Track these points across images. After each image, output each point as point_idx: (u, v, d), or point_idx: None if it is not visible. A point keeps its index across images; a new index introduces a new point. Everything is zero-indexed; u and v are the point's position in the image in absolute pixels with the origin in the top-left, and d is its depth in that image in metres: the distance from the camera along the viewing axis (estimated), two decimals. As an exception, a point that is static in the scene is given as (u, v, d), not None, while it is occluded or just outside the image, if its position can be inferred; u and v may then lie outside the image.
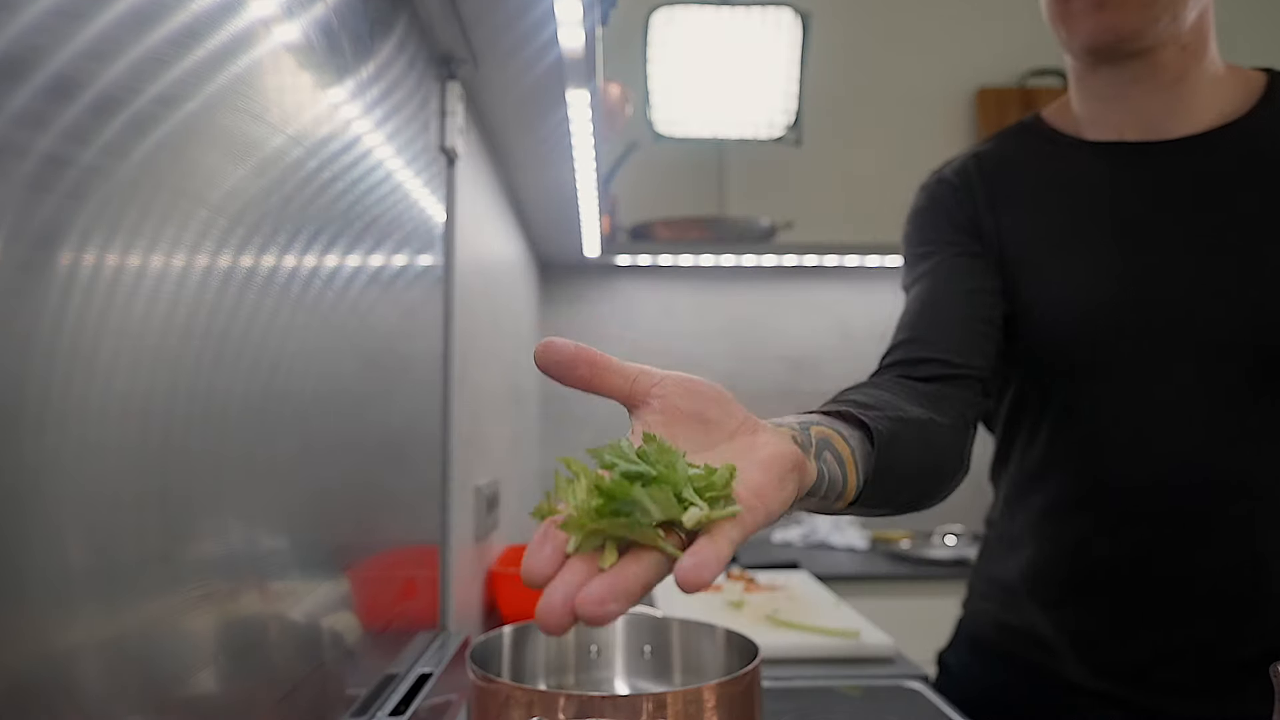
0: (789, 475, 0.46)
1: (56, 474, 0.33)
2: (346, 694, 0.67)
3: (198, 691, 0.44)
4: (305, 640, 0.58)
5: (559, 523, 0.38)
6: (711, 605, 1.40)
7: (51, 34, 0.32)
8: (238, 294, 0.48)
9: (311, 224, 0.60)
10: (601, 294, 2.48)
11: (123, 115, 0.37)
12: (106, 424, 0.36)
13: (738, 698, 0.64)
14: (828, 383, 2.48)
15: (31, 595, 0.32)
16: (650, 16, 2.17)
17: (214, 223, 0.45)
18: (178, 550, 0.42)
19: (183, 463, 0.42)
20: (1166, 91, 0.86)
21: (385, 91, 0.79)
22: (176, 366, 0.42)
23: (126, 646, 0.38)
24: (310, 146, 0.60)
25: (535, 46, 1.04)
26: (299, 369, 0.58)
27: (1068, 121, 0.95)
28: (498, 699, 0.63)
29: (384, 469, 0.79)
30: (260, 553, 0.52)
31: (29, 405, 0.31)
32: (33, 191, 0.31)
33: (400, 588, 0.85)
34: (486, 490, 1.30)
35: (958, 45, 2.61)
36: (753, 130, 2.25)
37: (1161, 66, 0.85)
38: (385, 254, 0.79)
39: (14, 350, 0.31)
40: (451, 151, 1.06)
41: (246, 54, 0.50)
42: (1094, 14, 0.84)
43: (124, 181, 0.37)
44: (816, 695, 1.04)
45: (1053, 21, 0.90)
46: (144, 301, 0.39)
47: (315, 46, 0.61)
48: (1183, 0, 0.81)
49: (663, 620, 0.82)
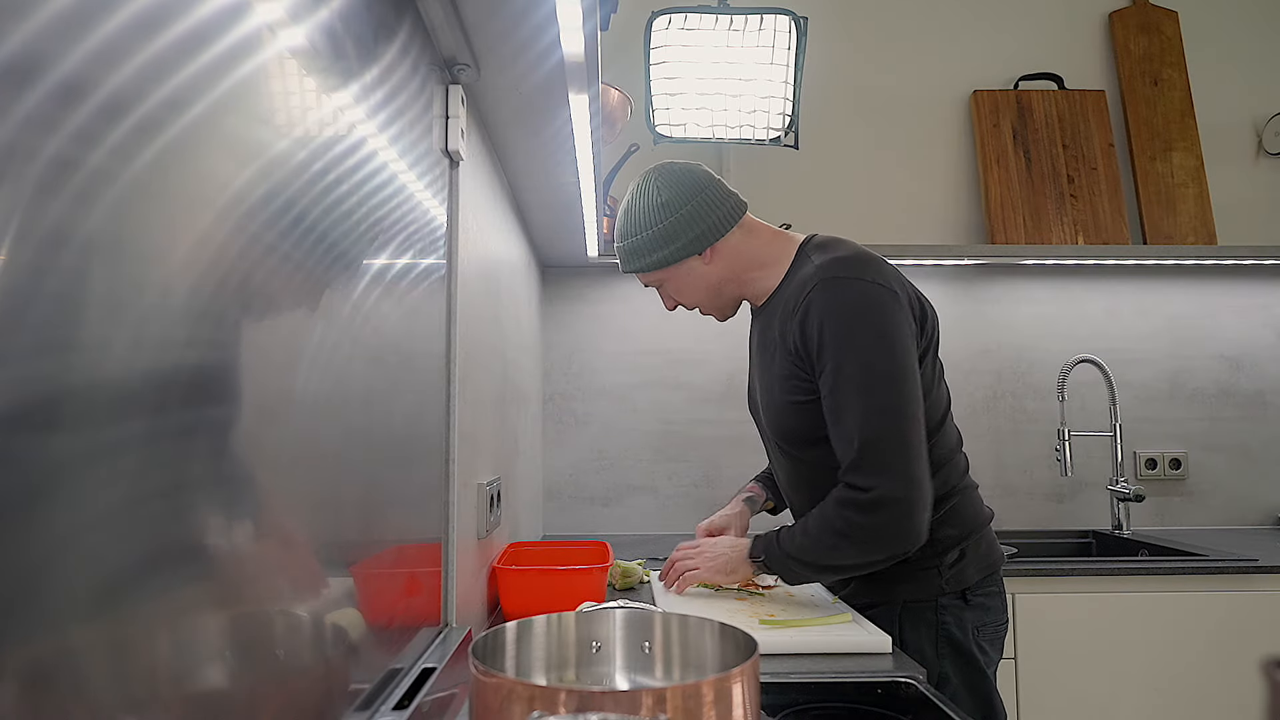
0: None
1: (64, 473, 0.34)
2: (350, 688, 0.68)
3: (204, 686, 0.45)
4: (310, 635, 0.59)
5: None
6: (712, 608, 1.41)
7: (59, 39, 0.33)
8: (243, 295, 0.49)
9: (316, 226, 0.61)
10: (602, 294, 2.49)
11: (130, 119, 0.38)
12: (114, 424, 0.37)
13: (736, 692, 0.65)
14: (827, 383, 2.49)
15: (39, 592, 0.32)
16: (650, 21, 2.18)
17: (220, 225, 0.46)
18: (184, 546, 0.43)
19: (188, 461, 0.43)
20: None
21: (389, 95, 0.80)
22: (182, 367, 0.43)
23: (133, 642, 0.38)
24: (315, 149, 0.61)
25: (537, 51, 1.05)
26: (304, 369, 0.59)
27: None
28: (499, 694, 0.64)
29: (387, 467, 0.80)
30: (265, 549, 0.53)
31: (38, 405, 0.32)
32: (41, 194, 0.32)
33: (404, 584, 0.86)
34: (489, 488, 1.31)
35: (952, 49, 2.62)
36: (751, 133, 2.27)
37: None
38: (389, 255, 0.80)
39: (22, 351, 0.31)
40: (454, 154, 1.07)
41: (252, 58, 0.50)
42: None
43: (131, 184, 0.38)
44: (814, 690, 1.04)
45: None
46: (150, 303, 0.40)
47: (320, 51, 0.62)
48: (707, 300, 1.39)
49: (662, 616, 0.83)
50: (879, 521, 1.18)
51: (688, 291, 1.36)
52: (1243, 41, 2.67)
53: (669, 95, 2.22)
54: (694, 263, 1.32)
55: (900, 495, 1.17)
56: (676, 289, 1.36)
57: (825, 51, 2.49)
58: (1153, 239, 2.49)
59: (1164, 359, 2.53)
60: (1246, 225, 2.58)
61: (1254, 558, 1.91)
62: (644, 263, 1.33)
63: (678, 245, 1.30)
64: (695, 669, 0.80)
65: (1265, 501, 2.51)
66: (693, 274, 1.33)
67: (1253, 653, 1.87)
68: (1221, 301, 2.55)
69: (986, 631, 1.30)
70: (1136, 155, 2.56)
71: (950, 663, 1.27)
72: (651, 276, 1.36)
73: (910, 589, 1.30)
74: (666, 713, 0.61)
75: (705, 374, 2.49)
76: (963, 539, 1.29)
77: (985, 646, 1.29)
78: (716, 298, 1.36)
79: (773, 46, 2.19)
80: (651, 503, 2.45)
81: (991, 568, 1.32)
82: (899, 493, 1.17)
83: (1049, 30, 2.63)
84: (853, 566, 1.25)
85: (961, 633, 1.27)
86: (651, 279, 1.36)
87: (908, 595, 1.29)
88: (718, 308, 1.39)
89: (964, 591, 1.28)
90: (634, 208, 1.33)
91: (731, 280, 1.34)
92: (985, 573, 1.30)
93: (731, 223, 1.32)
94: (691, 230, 1.30)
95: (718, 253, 1.32)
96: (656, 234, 1.30)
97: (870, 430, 1.17)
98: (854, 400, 1.18)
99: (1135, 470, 2.51)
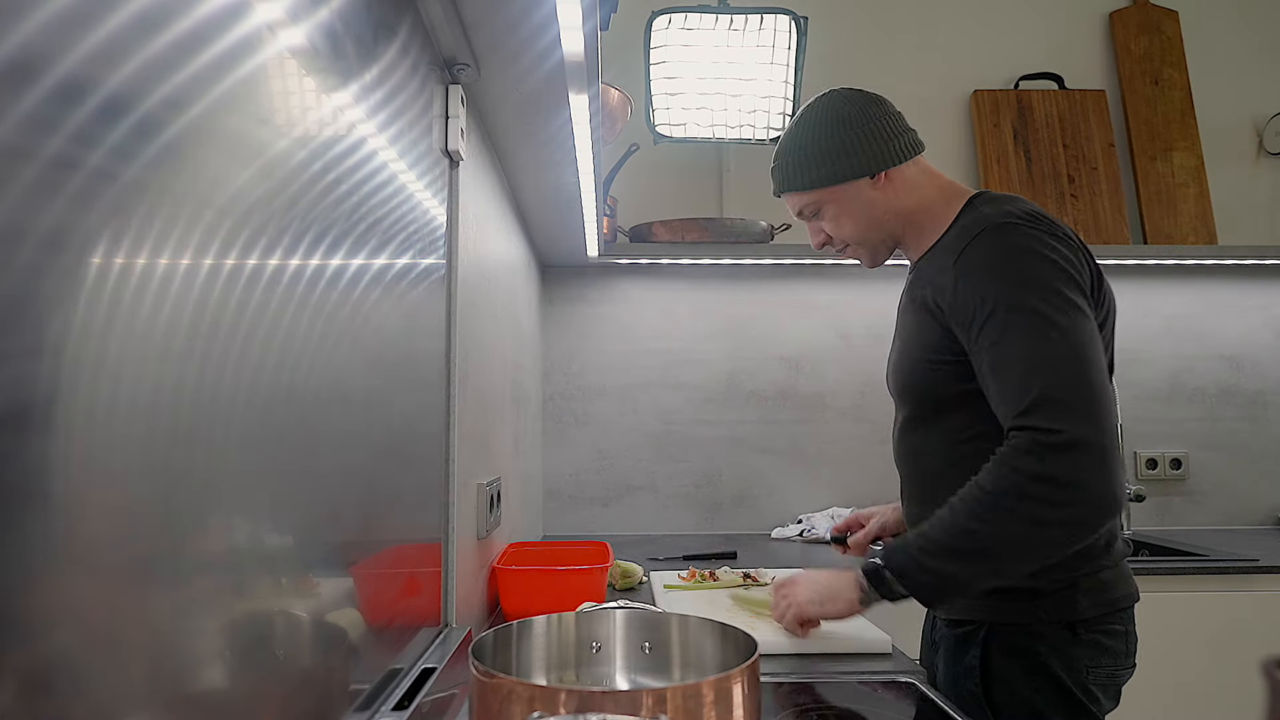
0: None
1: (65, 473, 0.34)
2: (350, 689, 0.68)
3: (205, 686, 0.45)
4: (310, 635, 0.59)
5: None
6: (715, 608, 1.41)
7: (59, 38, 0.33)
8: (243, 295, 0.49)
9: (316, 226, 0.61)
10: (602, 294, 2.49)
11: (130, 119, 0.38)
12: (114, 424, 0.37)
13: (736, 692, 0.65)
14: (825, 383, 2.49)
15: (40, 591, 0.32)
16: (650, 21, 2.18)
17: (220, 225, 0.46)
18: (185, 547, 0.43)
19: (189, 461, 0.43)
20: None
21: (389, 95, 0.80)
22: (183, 366, 0.43)
23: (135, 642, 0.39)
24: (315, 149, 0.61)
25: (537, 51, 1.05)
26: (304, 369, 0.59)
27: None
28: (499, 694, 0.64)
29: (388, 467, 0.80)
30: (266, 549, 0.53)
31: (38, 405, 0.32)
32: (41, 194, 0.32)
33: (404, 584, 0.86)
34: (489, 488, 1.31)
35: (952, 49, 2.62)
36: (751, 133, 2.27)
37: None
38: (389, 255, 0.80)
39: (23, 350, 0.31)
40: (454, 154, 1.07)
41: (252, 58, 0.50)
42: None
43: (131, 184, 0.38)
44: (814, 690, 1.04)
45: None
46: (151, 302, 0.40)
47: (320, 51, 0.62)
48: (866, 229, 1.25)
49: (662, 616, 0.83)
50: (1070, 470, 0.94)
51: (848, 218, 1.22)
52: (1243, 41, 2.66)
53: (669, 95, 2.22)
54: (864, 186, 1.20)
55: (1094, 441, 0.95)
56: (836, 214, 1.23)
57: (825, 51, 2.49)
58: (1153, 239, 2.49)
59: (1164, 359, 2.53)
60: (1247, 225, 2.58)
61: (1254, 558, 1.91)
62: (814, 176, 1.21)
63: (855, 161, 1.19)
64: (695, 669, 0.80)
65: (1266, 501, 2.51)
66: (860, 197, 1.21)
67: (1253, 653, 1.87)
68: (1222, 301, 2.55)
69: (1100, 674, 1.08)
70: (1137, 155, 2.56)
71: (1047, 702, 1.07)
72: (812, 196, 1.23)
73: (998, 608, 1.10)
74: (666, 713, 0.61)
75: (705, 374, 2.49)
76: (1078, 567, 1.07)
77: (1096, 691, 1.08)
78: (877, 230, 1.22)
79: (773, 46, 2.19)
80: (651, 503, 2.45)
81: (1114, 604, 1.09)
82: (1093, 438, 0.95)
83: (1049, 30, 2.63)
84: (1016, 551, 0.98)
85: (1066, 669, 1.07)
86: (810, 200, 1.24)
87: (995, 615, 1.10)
88: (872, 245, 1.24)
89: (1072, 624, 1.07)
90: (809, 119, 1.22)
91: (898, 216, 1.21)
92: (1105, 609, 1.08)
93: (912, 153, 1.21)
94: (871, 148, 1.18)
95: (891, 181, 1.20)
96: (834, 146, 1.19)
97: (1050, 375, 0.98)
98: (1027, 346, 1.00)
99: (1136, 470, 2.50)
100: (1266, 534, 2.36)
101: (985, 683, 1.10)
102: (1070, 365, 0.98)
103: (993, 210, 1.10)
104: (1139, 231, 2.54)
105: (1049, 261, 1.03)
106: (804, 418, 2.48)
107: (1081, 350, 0.99)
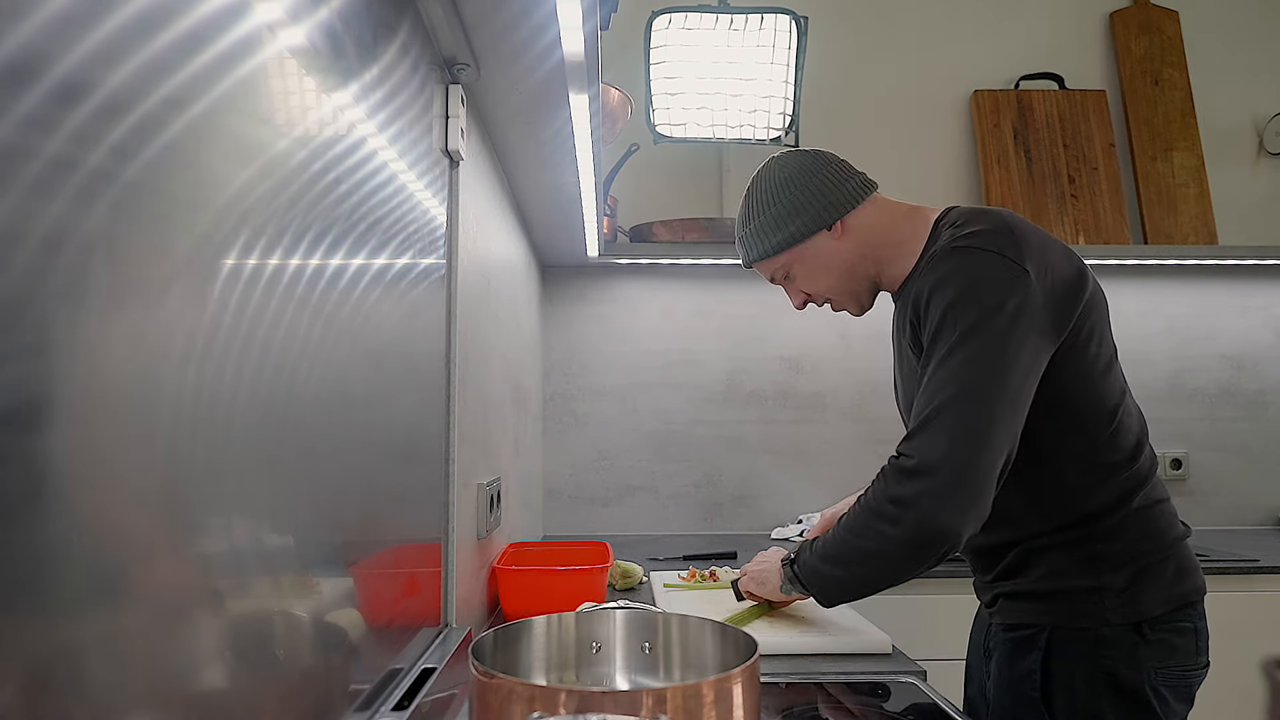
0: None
1: (65, 472, 0.34)
2: (350, 689, 0.68)
3: (205, 686, 0.45)
4: (310, 635, 0.59)
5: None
6: (717, 608, 1.41)
7: (59, 39, 0.33)
8: (243, 295, 0.49)
9: (316, 226, 0.61)
10: (602, 294, 2.49)
11: (130, 119, 0.38)
12: (114, 424, 0.37)
13: (736, 693, 0.65)
14: (825, 382, 2.49)
15: (40, 591, 0.32)
16: (650, 21, 2.18)
17: (220, 224, 0.46)
18: (185, 547, 0.43)
19: (190, 461, 0.43)
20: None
21: (389, 95, 0.80)
22: (183, 366, 0.43)
23: (135, 641, 0.39)
24: (315, 149, 0.61)
25: (537, 50, 1.05)
26: (304, 369, 0.59)
27: None
28: (499, 694, 0.64)
29: (388, 467, 0.80)
30: (266, 549, 0.53)
31: (39, 405, 0.32)
32: (41, 194, 0.32)
33: (404, 584, 0.86)
34: (489, 488, 1.31)
35: (953, 49, 2.62)
36: (751, 133, 2.27)
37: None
38: (389, 255, 0.80)
39: (23, 350, 0.31)
40: (454, 154, 1.07)
41: (252, 58, 0.50)
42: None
43: (131, 184, 0.38)
44: (814, 690, 1.04)
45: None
46: (151, 302, 0.40)
47: (320, 51, 0.62)
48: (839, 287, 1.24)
49: (662, 616, 0.83)
50: (911, 494, 0.99)
51: (818, 275, 1.23)
52: (1243, 41, 2.66)
53: (669, 95, 2.22)
54: (823, 240, 1.20)
55: (942, 469, 0.98)
56: (806, 273, 1.23)
57: (825, 51, 2.49)
58: (1153, 239, 2.49)
59: (1165, 359, 2.53)
60: (1247, 225, 2.58)
61: (1255, 558, 1.91)
62: (771, 243, 1.22)
63: (807, 218, 1.19)
64: (695, 669, 0.80)
65: (1266, 501, 2.51)
66: (823, 253, 1.21)
67: (1253, 653, 1.87)
68: (1222, 301, 2.55)
69: (1170, 675, 1.04)
70: (1137, 155, 2.56)
71: (1110, 706, 1.04)
72: (778, 261, 1.24)
73: (1061, 611, 1.07)
74: (666, 713, 0.61)
75: (705, 374, 2.49)
76: (1139, 556, 1.05)
77: (1165, 693, 1.04)
78: (850, 279, 1.22)
79: (773, 46, 2.19)
80: (651, 503, 2.45)
81: (1182, 598, 1.06)
82: (942, 466, 0.98)
83: (1050, 30, 2.63)
84: (873, 566, 1.05)
85: (1133, 672, 1.03)
86: (779, 265, 1.24)
87: (1057, 619, 1.07)
88: (852, 293, 1.24)
89: (1140, 624, 1.04)
90: (755, 191, 1.24)
91: (865, 259, 1.20)
92: (1173, 604, 1.05)
93: (862, 196, 1.20)
94: (819, 202, 1.18)
95: (848, 229, 1.20)
96: (784, 209, 1.20)
97: (939, 399, 1.01)
98: (937, 371, 1.02)
99: (1135, 470, 2.50)
100: (1267, 534, 2.36)
101: (1045, 687, 1.07)
102: (965, 396, 0.99)
103: (950, 233, 1.10)
104: (1139, 231, 2.54)
105: (988, 285, 1.02)
106: (804, 418, 2.48)
107: (986, 387, 0.99)
